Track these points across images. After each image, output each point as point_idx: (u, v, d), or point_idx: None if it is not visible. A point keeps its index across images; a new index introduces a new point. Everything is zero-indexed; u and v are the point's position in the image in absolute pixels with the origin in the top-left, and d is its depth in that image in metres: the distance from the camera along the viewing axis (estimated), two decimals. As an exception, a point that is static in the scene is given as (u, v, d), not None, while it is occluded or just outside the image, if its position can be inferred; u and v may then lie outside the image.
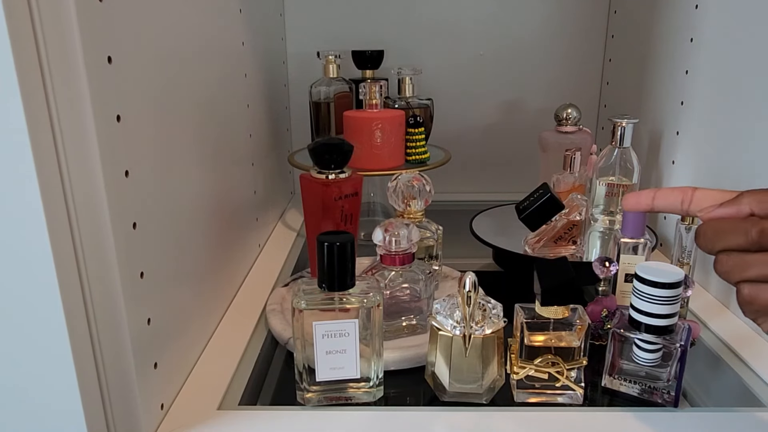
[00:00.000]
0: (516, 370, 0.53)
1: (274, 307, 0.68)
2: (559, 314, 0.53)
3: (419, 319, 0.63)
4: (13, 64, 0.34)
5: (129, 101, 0.45)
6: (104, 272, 0.42)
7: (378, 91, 0.83)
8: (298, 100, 1.12)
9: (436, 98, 0.97)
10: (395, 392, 0.56)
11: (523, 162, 1.15)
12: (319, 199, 0.66)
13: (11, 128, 0.35)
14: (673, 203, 0.43)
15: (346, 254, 0.50)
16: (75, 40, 0.38)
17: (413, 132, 0.86)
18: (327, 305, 0.52)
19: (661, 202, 0.44)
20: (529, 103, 1.14)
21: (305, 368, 0.52)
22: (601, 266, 0.62)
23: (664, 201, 0.43)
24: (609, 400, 0.55)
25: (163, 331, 0.51)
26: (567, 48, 1.11)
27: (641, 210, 0.45)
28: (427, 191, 0.69)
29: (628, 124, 0.76)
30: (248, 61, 0.82)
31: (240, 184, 0.77)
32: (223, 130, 0.70)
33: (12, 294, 0.38)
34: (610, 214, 0.80)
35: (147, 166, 0.48)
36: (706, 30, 0.76)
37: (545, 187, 0.71)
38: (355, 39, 1.10)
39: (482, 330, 0.51)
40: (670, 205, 0.43)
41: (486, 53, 1.12)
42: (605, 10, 1.10)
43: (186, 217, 0.57)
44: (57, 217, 0.38)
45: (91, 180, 0.41)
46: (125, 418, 0.46)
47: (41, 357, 0.40)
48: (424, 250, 0.72)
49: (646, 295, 0.51)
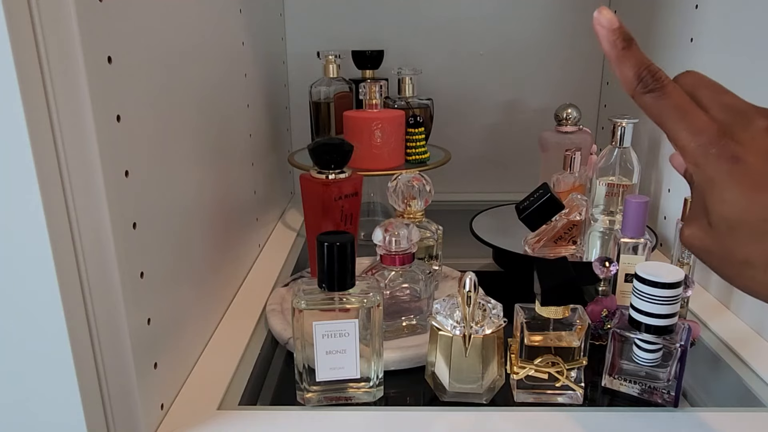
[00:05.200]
0: (516, 370, 0.53)
1: (274, 307, 0.68)
2: (559, 314, 0.53)
3: (419, 319, 0.63)
4: (13, 64, 0.34)
5: (129, 101, 0.45)
6: (104, 272, 0.42)
7: (378, 91, 0.83)
8: (298, 100, 1.12)
9: (436, 98, 0.97)
10: (395, 392, 0.56)
11: (523, 162, 1.15)
12: (319, 199, 0.66)
13: (11, 128, 0.35)
14: None
15: (346, 254, 0.50)
16: (75, 40, 0.38)
17: (413, 132, 0.86)
18: (327, 305, 0.52)
19: None
20: (529, 103, 1.14)
21: (305, 368, 0.52)
22: (601, 266, 0.62)
23: None
24: (609, 400, 0.55)
25: (163, 331, 0.51)
26: (567, 48, 1.11)
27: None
28: (427, 191, 0.69)
29: (628, 124, 0.76)
30: (248, 61, 0.82)
31: (240, 184, 0.77)
32: (223, 130, 0.70)
33: (12, 294, 0.38)
34: (610, 214, 0.80)
35: (147, 166, 0.48)
36: (706, 30, 0.76)
37: (545, 187, 0.71)
38: (355, 39, 1.10)
39: (482, 330, 0.51)
40: None
41: (486, 53, 1.12)
42: (605, 10, 1.09)
43: (186, 217, 0.57)
44: (57, 216, 0.38)
45: (91, 180, 0.41)
46: (125, 418, 0.46)
47: (41, 357, 0.40)
48: (424, 250, 0.72)
49: (646, 295, 0.51)
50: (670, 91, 0.33)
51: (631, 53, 0.33)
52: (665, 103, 0.33)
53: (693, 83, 0.34)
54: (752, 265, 0.32)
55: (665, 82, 0.33)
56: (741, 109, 0.33)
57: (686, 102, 0.33)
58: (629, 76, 0.33)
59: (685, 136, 0.32)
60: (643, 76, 0.33)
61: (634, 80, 0.33)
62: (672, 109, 0.33)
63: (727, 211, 0.32)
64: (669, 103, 0.33)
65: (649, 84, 0.33)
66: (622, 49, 0.33)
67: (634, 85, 0.33)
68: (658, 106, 0.33)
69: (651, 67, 0.33)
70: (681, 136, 0.33)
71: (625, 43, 0.33)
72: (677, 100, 0.33)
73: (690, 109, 0.32)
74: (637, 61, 0.33)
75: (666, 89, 0.33)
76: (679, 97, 0.33)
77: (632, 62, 0.33)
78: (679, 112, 0.32)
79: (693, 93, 0.33)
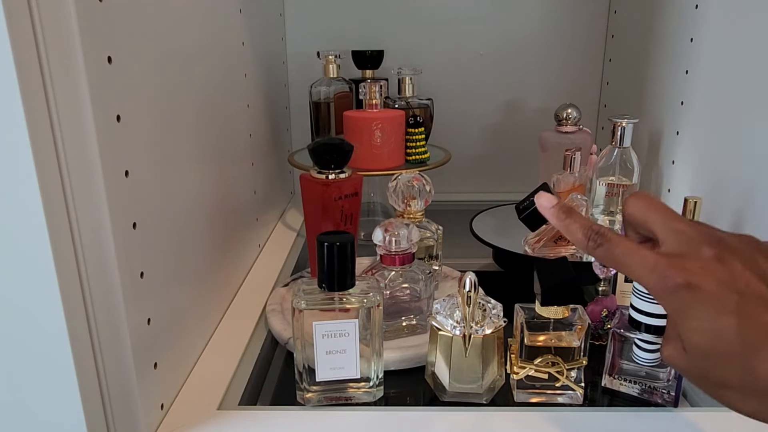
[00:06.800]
0: (516, 370, 0.53)
1: (274, 307, 0.68)
2: (559, 314, 0.53)
3: (419, 319, 0.63)
4: (13, 64, 0.34)
5: (129, 101, 0.45)
6: (104, 272, 0.42)
7: (378, 91, 0.83)
8: (298, 100, 1.12)
9: (436, 98, 0.97)
10: (395, 392, 0.56)
11: (523, 162, 1.15)
12: (319, 199, 0.66)
13: (11, 128, 0.35)
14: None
15: (346, 254, 0.50)
16: (75, 40, 0.38)
17: (413, 132, 0.86)
18: (327, 305, 0.52)
19: None
20: (529, 103, 1.14)
21: (305, 368, 0.52)
22: (601, 266, 0.62)
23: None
24: (609, 400, 0.55)
25: (163, 331, 0.51)
26: (567, 48, 1.11)
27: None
28: (427, 191, 0.69)
29: (628, 124, 0.76)
30: (248, 61, 0.82)
31: (240, 184, 0.77)
32: (223, 130, 0.70)
33: (12, 294, 0.38)
34: (610, 214, 0.80)
35: (147, 166, 0.48)
36: (706, 30, 0.76)
37: (545, 187, 0.71)
38: (355, 39, 1.10)
39: (482, 330, 0.52)
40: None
41: (486, 53, 1.12)
42: (605, 10, 1.10)
43: (186, 217, 0.57)
44: (57, 217, 0.38)
45: (91, 180, 0.41)
46: (125, 418, 0.46)
47: (41, 357, 0.40)
48: (424, 250, 0.72)
49: (647, 295, 0.51)
50: (615, 241, 0.36)
51: (573, 220, 0.39)
52: (615, 252, 0.36)
53: (644, 207, 0.37)
54: (729, 387, 0.33)
55: (609, 235, 0.37)
56: (690, 237, 0.35)
57: (632, 247, 0.36)
58: (579, 238, 0.38)
59: (641, 274, 0.35)
60: (590, 235, 0.37)
61: (584, 240, 0.38)
62: (622, 255, 0.36)
63: (696, 340, 0.33)
64: (618, 252, 0.36)
65: (597, 240, 0.37)
66: (565, 219, 0.39)
67: (585, 244, 0.38)
68: (611, 256, 0.37)
69: (594, 227, 0.38)
70: (641, 276, 0.35)
71: (566, 215, 0.39)
72: (624, 247, 0.36)
73: (637, 251, 0.35)
74: (581, 225, 0.38)
75: (612, 242, 0.36)
76: (624, 244, 0.36)
77: (578, 227, 0.38)
78: (629, 257, 0.35)
79: (645, 219, 0.37)
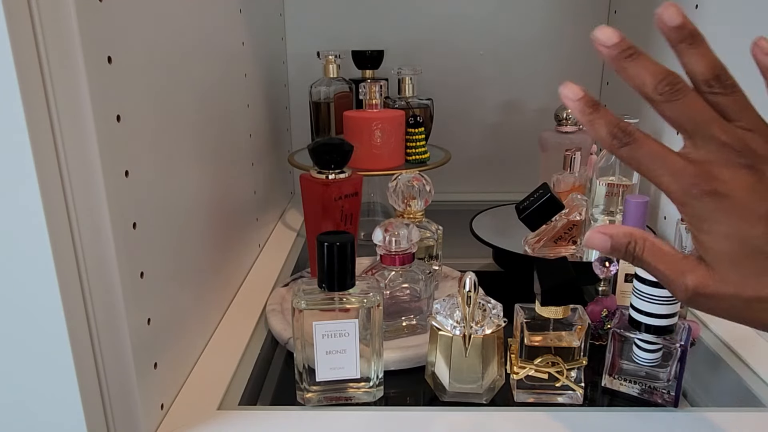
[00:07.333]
0: (516, 370, 0.53)
1: (274, 307, 0.68)
2: (559, 314, 0.53)
3: (419, 319, 0.63)
4: (13, 64, 0.34)
5: (129, 101, 0.45)
6: (104, 272, 0.42)
7: (378, 91, 0.82)
8: (298, 100, 1.12)
9: (436, 98, 0.97)
10: (395, 392, 0.56)
11: (523, 162, 1.14)
12: (319, 199, 0.66)
13: (11, 128, 0.35)
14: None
15: (346, 254, 0.50)
16: (75, 40, 0.38)
17: (413, 132, 0.86)
18: (327, 305, 0.52)
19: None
20: (529, 103, 1.14)
21: (305, 368, 0.52)
22: (601, 266, 0.62)
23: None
24: (609, 400, 0.55)
25: (163, 331, 0.51)
26: (567, 48, 1.11)
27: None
28: (427, 191, 0.69)
29: (628, 124, 0.76)
30: (248, 61, 0.82)
31: (240, 184, 0.77)
32: (223, 130, 0.70)
33: (12, 294, 0.38)
34: (610, 214, 0.80)
35: (147, 166, 0.48)
36: (706, 30, 0.75)
37: (545, 187, 0.71)
38: (355, 39, 1.10)
39: (482, 330, 0.52)
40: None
41: (486, 53, 1.12)
42: (605, 10, 1.09)
43: (186, 217, 0.57)
44: (57, 217, 0.38)
45: (91, 180, 0.41)
46: (125, 418, 0.46)
47: (41, 357, 0.40)
48: (424, 250, 0.72)
49: (646, 295, 0.51)
50: (642, 141, 0.34)
51: (599, 116, 0.35)
52: (641, 153, 0.34)
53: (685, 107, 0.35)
54: (764, 299, 0.32)
55: (636, 135, 0.34)
56: (723, 143, 0.33)
57: (660, 148, 0.34)
58: (604, 136, 0.35)
59: (666, 180, 0.34)
60: (615, 133, 0.35)
61: (608, 138, 0.35)
62: (647, 157, 0.34)
63: (722, 246, 0.32)
64: (644, 153, 0.34)
65: (623, 139, 0.34)
66: (590, 114, 0.35)
67: (610, 142, 0.35)
68: (636, 156, 0.34)
69: (621, 124, 0.35)
70: (662, 181, 0.34)
71: (591, 109, 0.36)
72: (651, 148, 0.34)
73: (665, 155, 0.34)
74: (607, 121, 0.35)
75: (638, 141, 0.34)
76: (651, 145, 0.34)
77: (603, 123, 0.35)
78: (655, 159, 0.34)
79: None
